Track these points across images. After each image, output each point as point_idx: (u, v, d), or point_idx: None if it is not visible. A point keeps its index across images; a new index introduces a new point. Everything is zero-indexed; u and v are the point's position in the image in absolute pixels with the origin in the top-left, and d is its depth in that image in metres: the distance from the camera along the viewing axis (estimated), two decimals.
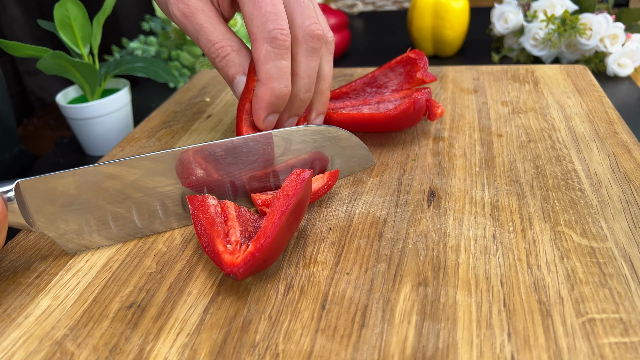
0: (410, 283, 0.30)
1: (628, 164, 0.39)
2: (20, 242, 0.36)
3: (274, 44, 0.34)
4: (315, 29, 0.35)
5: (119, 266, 0.33)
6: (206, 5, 0.37)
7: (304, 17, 0.35)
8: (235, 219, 0.33)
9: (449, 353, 0.25)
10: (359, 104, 0.47)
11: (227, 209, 0.34)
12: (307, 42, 0.36)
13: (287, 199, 0.31)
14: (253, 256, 0.29)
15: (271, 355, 0.26)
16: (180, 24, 0.37)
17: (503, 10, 0.75)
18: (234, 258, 0.29)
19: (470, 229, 0.33)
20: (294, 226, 0.32)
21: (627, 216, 0.34)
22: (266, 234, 0.29)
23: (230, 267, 0.29)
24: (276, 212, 0.30)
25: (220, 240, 0.31)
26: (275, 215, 0.30)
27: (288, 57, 0.35)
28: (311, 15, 0.36)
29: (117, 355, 0.27)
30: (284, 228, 0.30)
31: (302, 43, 0.36)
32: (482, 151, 0.42)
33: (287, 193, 0.31)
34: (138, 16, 0.87)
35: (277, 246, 0.30)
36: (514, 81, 0.55)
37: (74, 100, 0.61)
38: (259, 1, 0.34)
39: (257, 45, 0.35)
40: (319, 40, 0.36)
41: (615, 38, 0.67)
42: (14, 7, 0.77)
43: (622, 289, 0.28)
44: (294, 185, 0.32)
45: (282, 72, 0.35)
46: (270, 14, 0.34)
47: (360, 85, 0.48)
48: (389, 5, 1.22)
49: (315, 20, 0.36)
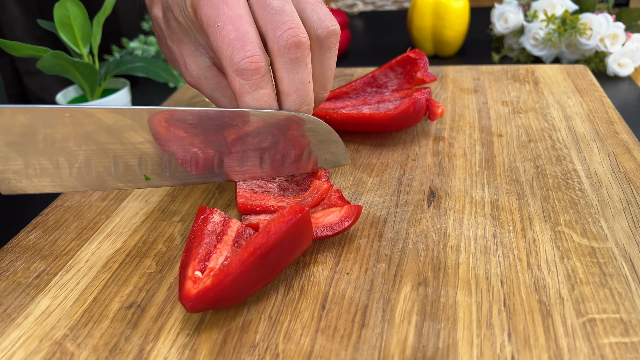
0: (411, 283, 0.30)
1: (628, 164, 0.39)
2: (20, 242, 0.36)
3: (245, 75, 0.31)
4: (288, 37, 0.31)
5: (118, 266, 0.33)
6: (208, 72, 0.36)
7: (275, 26, 0.31)
8: (230, 242, 0.30)
9: (449, 353, 0.25)
10: (359, 103, 0.47)
11: (228, 228, 0.31)
12: (284, 55, 0.31)
13: (265, 236, 0.27)
14: (205, 293, 0.26)
15: (271, 355, 0.26)
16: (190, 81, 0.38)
17: (503, 10, 0.75)
18: (193, 287, 0.27)
19: (470, 229, 0.33)
20: (275, 269, 0.28)
21: (628, 216, 0.33)
22: (228, 271, 0.26)
23: (184, 297, 0.26)
24: (247, 249, 0.27)
25: (194, 264, 0.28)
26: (245, 253, 0.27)
27: (266, 82, 0.32)
28: (283, 20, 0.31)
29: (117, 355, 0.27)
30: (253, 269, 0.27)
31: (279, 57, 0.32)
32: (483, 151, 0.42)
33: (268, 229, 0.27)
34: (138, 16, 0.87)
35: (242, 287, 0.27)
36: (514, 81, 0.55)
37: (74, 100, 0.61)
38: (221, 29, 0.31)
39: (230, 80, 0.32)
40: (297, 49, 0.31)
41: (615, 38, 0.67)
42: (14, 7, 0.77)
43: (622, 289, 0.28)
44: (280, 222, 0.27)
45: (262, 101, 0.32)
46: (235, 42, 0.31)
47: (361, 85, 0.48)
48: (389, 5, 1.22)
49: (289, 25, 0.31)
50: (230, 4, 0.31)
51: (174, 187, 0.41)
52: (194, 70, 0.36)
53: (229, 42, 0.31)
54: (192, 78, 0.37)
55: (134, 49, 0.78)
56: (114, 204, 0.40)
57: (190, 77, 0.37)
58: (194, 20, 0.34)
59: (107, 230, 0.37)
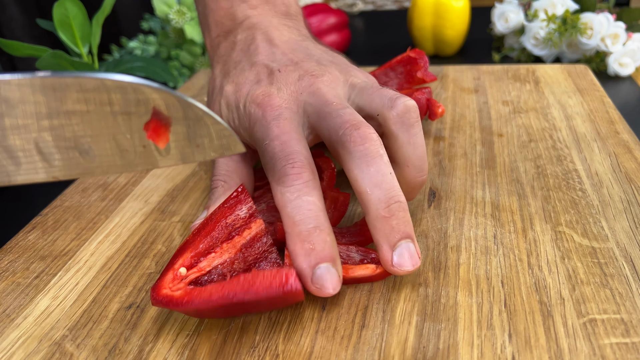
0: (411, 283, 0.30)
1: (629, 164, 0.39)
2: (19, 242, 0.36)
3: (286, 182, 0.28)
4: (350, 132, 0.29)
5: (118, 266, 0.33)
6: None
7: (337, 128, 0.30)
8: (238, 246, 0.29)
9: (449, 354, 0.25)
10: None
11: (247, 229, 0.29)
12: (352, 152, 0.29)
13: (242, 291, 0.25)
14: (169, 300, 0.25)
15: (271, 356, 0.26)
16: None
17: (504, 10, 0.75)
18: (166, 285, 0.26)
19: (470, 229, 0.33)
20: (249, 311, 0.27)
21: (629, 216, 0.33)
22: (194, 298, 0.25)
23: (154, 287, 0.26)
24: (220, 291, 0.25)
25: (187, 256, 0.27)
26: (216, 294, 0.25)
27: (310, 189, 0.28)
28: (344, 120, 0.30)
29: (117, 355, 0.27)
30: (221, 309, 0.26)
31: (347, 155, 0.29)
32: (483, 151, 0.42)
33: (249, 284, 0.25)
34: (137, 15, 0.87)
35: (204, 315, 0.27)
36: (514, 81, 0.55)
37: None
38: (268, 146, 0.30)
39: (274, 195, 0.29)
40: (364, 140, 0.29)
41: (616, 37, 0.67)
42: (13, 6, 0.77)
43: (623, 289, 0.28)
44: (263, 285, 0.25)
45: (304, 209, 0.28)
46: (279, 153, 0.29)
47: None
48: (389, 4, 1.22)
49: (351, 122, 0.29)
50: (281, 125, 0.31)
51: (174, 187, 0.41)
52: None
53: (273, 155, 0.30)
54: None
55: (133, 48, 0.78)
56: (114, 204, 0.39)
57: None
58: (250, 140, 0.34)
59: (107, 230, 0.37)
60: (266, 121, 0.32)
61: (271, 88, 0.33)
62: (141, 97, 0.23)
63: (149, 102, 0.24)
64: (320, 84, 0.33)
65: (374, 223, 0.28)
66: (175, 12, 0.71)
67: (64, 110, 0.23)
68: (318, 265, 0.27)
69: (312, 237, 0.27)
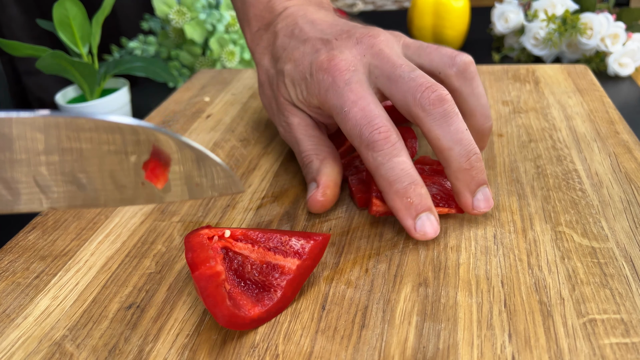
0: (411, 283, 0.30)
1: (629, 164, 0.39)
2: (19, 242, 0.36)
3: (376, 147, 0.30)
4: (428, 95, 0.31)
5: (118, 267, 0.33)
6: (303, 120, 0.37)
7: (414, 92, 0.31)
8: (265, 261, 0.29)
9: (449, 354, 0.25)
10: None
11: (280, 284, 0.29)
12: (431, 113, 0.31)
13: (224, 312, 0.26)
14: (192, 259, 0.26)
15: (271, 356, 0.26)
16: (285, 139, 0.39)
17: (504, 10, 0.75)
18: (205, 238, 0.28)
19: (470, 229, 0.33)
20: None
21: (628, 216, 0.33)
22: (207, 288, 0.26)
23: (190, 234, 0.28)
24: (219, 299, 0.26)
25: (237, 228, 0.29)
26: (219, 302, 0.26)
27: (399, 150, 0.30)
28: (419, 83, 0.31)
29: (117, 356, 0.27)
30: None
31: (427, 118, 0.31)
32: (483, 151, 0.42)
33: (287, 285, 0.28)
34: (137, 15, 0.87)
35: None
36: (514, 81, 0.55)
37: (73, 100, 0.61)
38: (347, 113, 0.32)
39: (364, 159, 0.31)
40: (442, 102, 0.30)
41: (616, 37, 0.67)
42: (13, 6, 0.77)
43: (623, 289, 0.28)
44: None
45: (398, 170, 0.30)
46: (362, 120, 0.31)
47: None
48: (389, 4, 1.22)
49: (426, 85, 0.31)
50: (354, 89, 0.32)
51: None
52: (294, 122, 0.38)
53: (356, 123, 0.31)
54: (288, 125, 0.38)
55: (133, 48, 0.78)
56: None
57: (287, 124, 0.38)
58: (320, 109, 0.36)
59: (107, 230, 0.37)
60: (339, 87, 0.32)
61: (334, 52, 0.34)
62: (141, 137, 0.24)
63: (148, 143, 0.24)
64: (381, 45, 0.34)
65: (456, 174, 0.31)
66: (175, 12, 0.71)
67: (62, 147, 0.24)
68: (419, 216, 0.31)
69: (408, 192, 0.30)
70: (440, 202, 0.34)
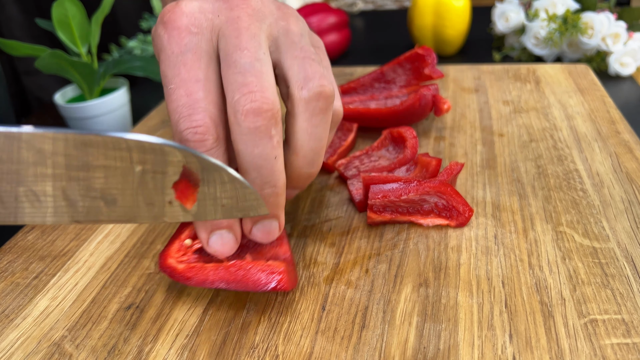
0: (411, 284, 0.29)
1: (630, 164, 0.39)
2: (19, 242, 0.36)
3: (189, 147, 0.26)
4: (245, 102, 0.25)
5: (117, 267, 0.33)
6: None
7: (235, 88, 0.26)
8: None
9: (450, 354, 0.25)
10: (366, 99, 0.47)
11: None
12: (240, 124, 0.25)
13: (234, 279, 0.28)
14: (173, 271, 0.28)
15: (271, 357, 0.26)
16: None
17: (504, 9, 0.75)
18: (172, 256, 0.29)
19: (471, 229, 0.33)
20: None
21: (629, 216, 0.33)
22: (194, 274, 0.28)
23: (162, 255, 0.29)
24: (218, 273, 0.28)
25: (190, 230, 0.30)
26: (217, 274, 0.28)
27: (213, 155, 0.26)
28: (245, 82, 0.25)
29: (116, 356, 0.27)
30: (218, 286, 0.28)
31: (235, 126, 0.26)
32: (484, 151, 0.42)
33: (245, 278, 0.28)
34: (137, 15, 0.87)
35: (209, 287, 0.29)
36: (515, 80, 0.55)
37: (73, 100, 0.61)
38: (173, 92, 0.26)
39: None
40: (256, 116, 0.25)
41: (617, 37, 0.67)
42: (12, 6, 0.77)
43: (624, 289, 0.28)
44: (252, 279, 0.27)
45: None
46: (183, 108, 0.26)
47: (369, 80, 0.49)
48: (390, 4, 1.22)
49: (251, 87, 0.25)
50: (189, 65, 0.26)
51: None
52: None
53: (176, 109, 0.26)
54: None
55: (132, 48, 0.78)
56: None
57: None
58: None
59: (106, 230, 0.36)
60: (172, 54, 0.27)
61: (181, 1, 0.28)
62: (172, 159, 0.24)
63: (179, 163, 0.24)
64: (243, 11, 0.27)
65: None
66: None
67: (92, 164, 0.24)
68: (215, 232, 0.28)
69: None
70: (442, 213, 0.34)
